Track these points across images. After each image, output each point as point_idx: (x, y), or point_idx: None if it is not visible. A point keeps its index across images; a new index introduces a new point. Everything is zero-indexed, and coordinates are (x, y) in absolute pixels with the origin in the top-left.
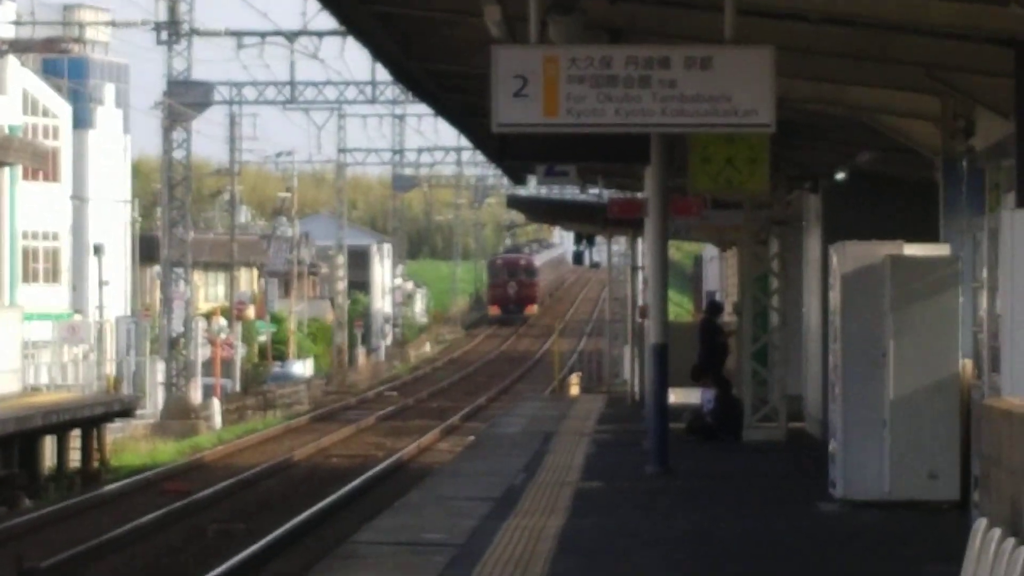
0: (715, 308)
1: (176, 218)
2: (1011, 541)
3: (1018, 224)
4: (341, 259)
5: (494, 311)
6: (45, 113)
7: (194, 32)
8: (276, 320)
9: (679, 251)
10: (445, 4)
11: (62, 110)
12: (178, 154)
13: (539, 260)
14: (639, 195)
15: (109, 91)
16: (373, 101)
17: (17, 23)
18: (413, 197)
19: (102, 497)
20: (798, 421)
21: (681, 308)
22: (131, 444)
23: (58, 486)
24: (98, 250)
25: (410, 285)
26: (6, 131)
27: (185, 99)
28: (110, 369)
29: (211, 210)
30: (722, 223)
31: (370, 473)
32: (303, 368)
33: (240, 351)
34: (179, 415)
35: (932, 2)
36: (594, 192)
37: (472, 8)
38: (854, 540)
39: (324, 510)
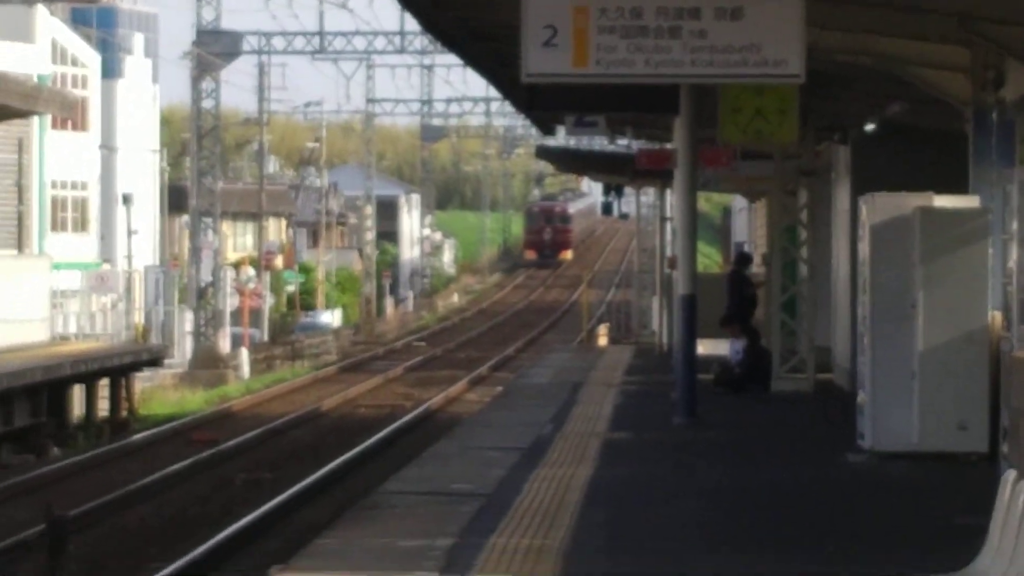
0: (744, 259)
1: (205, 168)
2: None
3: None
4: (369, 209)
5: (530, 255)
6: (74, 62)
7: None
8: (304, 270)
9: (708, 202)
10: None
11: (91, 59)
12: (207, 104)
13: (572, 208)
14: (668, 146)
15: (138, 40)
16: (402, 51)
17: None
18: (441, 147)
19: (130, 446)
20: (826, 372)
21: (710, 259)
22: (159, 393)
23: (86, 435)
24: (127, 200)
25: (438, 236)
26: (35, 80)
27: (214, 49)
28: (138, 318)
29: (239, 160)
30: (751, 174)
31: (398, 423)
32: (331, 318)
33: (268, 301)
34: (207, 365)
35: None
36: (623, 143)
37: None
38: (882, 491)
39: (352, 460)
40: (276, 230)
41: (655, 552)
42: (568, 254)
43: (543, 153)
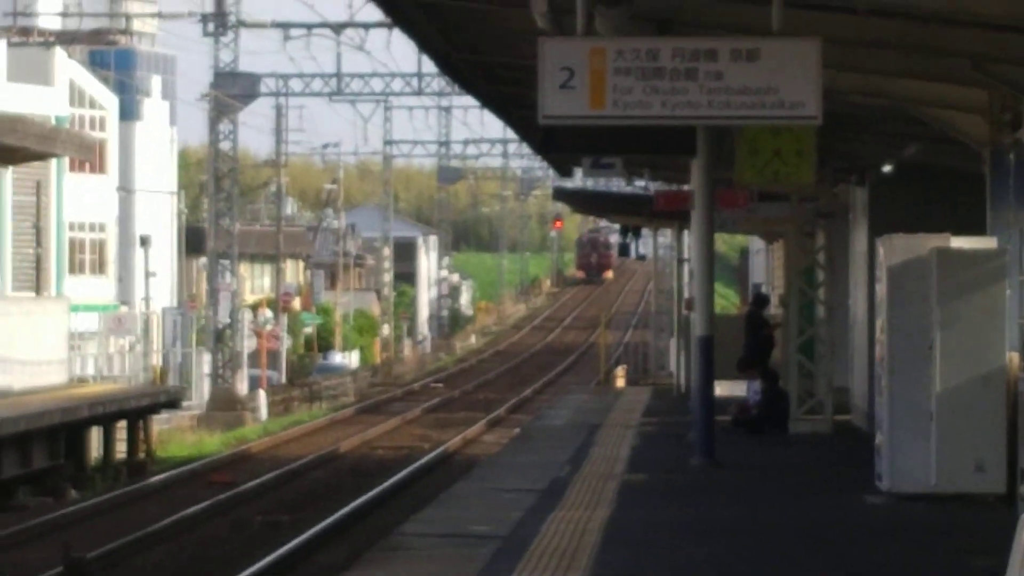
0: (761, 300)
1: (222, 209)
2: None
3: None
4: (387, 251)
5: (580, 275)
6: (92, 104)
7: (241, 24)
8: (322, 312)
9: (725, 244)
10: None
11: (109, 101)
12: (224, 145)
13: (613, 238)
14: (685, 187)
15: (156, 83)
16: (419, 93)
17: (64, 15)
18: (459, 189)
19: (148, 488)
20: (844, 414)
21: (727, 300)
22: (177, 435)
23: (104, 477)
24: (144, 241)
25: (456, 277)
26: (53, 122)
27: (232, 91)
28: (156, 360)
29: (257, 202)
30: (768, 216)
31: (416, 465)
32: (343, 359)
33: (286, 343)
34: (225, 406)
35: None
36: (640, 184)
37: (519, 0)
38: (900, 533)
39: (370, 502)
40: (294, 272)
41: None
42: (610, 274)
43: (560, 195)
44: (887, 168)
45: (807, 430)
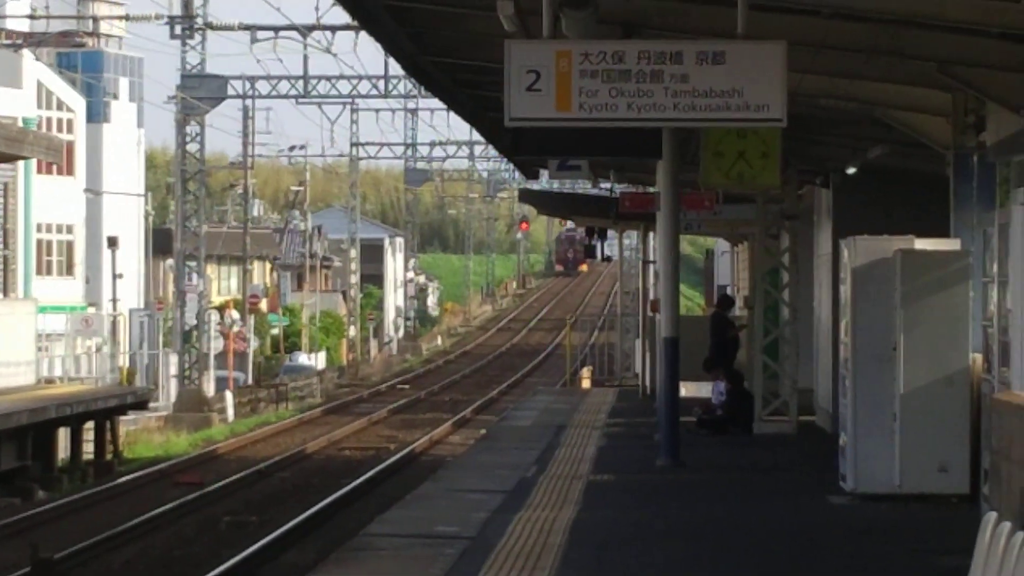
0: (726, 301)
1: (190, 211)
2: (1020, 536)
3: None
4: (354, 252)
5: (559, 267)
6: (60, 107)
7: (208, 26)
8: (289, 313)
9: (691, 245)
10: None
11: (76, 104)
12: (192, 147)
13: None
14: (651, 189)
15: (123, 85)
16: (386, 95)
17: (32, 17)
18: (425, 190)
19: (116, 489)
20: (809, 415)
21: (692, 302)
22: (144, 436)
23: (72, 478)
24: (112, 243)
25: (423, 278)
26: (21, 124)
27: (199, 93)
28: (123, 361)
29: (224, 203)
30: (733, 217)
31: (382, 465)
32: (309, 360)
33: (253, 344)
34: (192, 407)
35: None
36: (606, 186)
37: (485, 2)
38: (864, 533)
39: (336, 502)
40: (261, 273)
41: None
42: (584, 267)
43: (526, 196)
44: (851, 170)
45: (772, 431)
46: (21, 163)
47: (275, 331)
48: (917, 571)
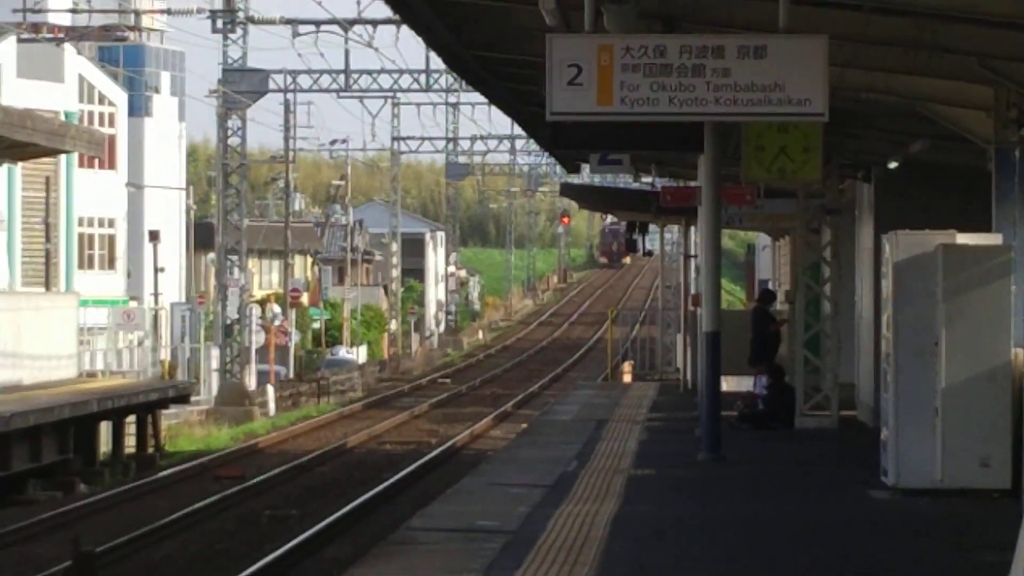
0: (767, 296)
1: (231, 205)
2: None
3: None
4: (395, 246)
5: (603, 260)
6: (101, 101)
7: (249, 20)
8: (330, 307)
9: (732, 239)
10: None
11: (118, 98)
12: (233, 141)
13: None
14: (692, 183)
15: (165, 79)
16: (427, 89)
17: (73, 11)
18: (466, 185)
19: (157, 482)
20: (850, 409)
21: (733, 296)
22: (186, 430)
23: (113, 471)
24: (154, 237)
25: (464, 272)
26: (63, 118)
27: (240, 87)
28: (165, 355)
29: (266, 197)
30: (775, 212)
31: (423, 460)
32: (350, 354)
33: (294, 338)
34: (233, 401)
35: None
36: (647, 180)
37: None
38: (905, 527)
39: (378, 496)
40: (302, 267)
41: None
42: (627, 259)
43: (567, 191)
44: (893, 165)
45: (813, 425)
46: (63, 157)
47: (316, 325)
48: (958, 566)
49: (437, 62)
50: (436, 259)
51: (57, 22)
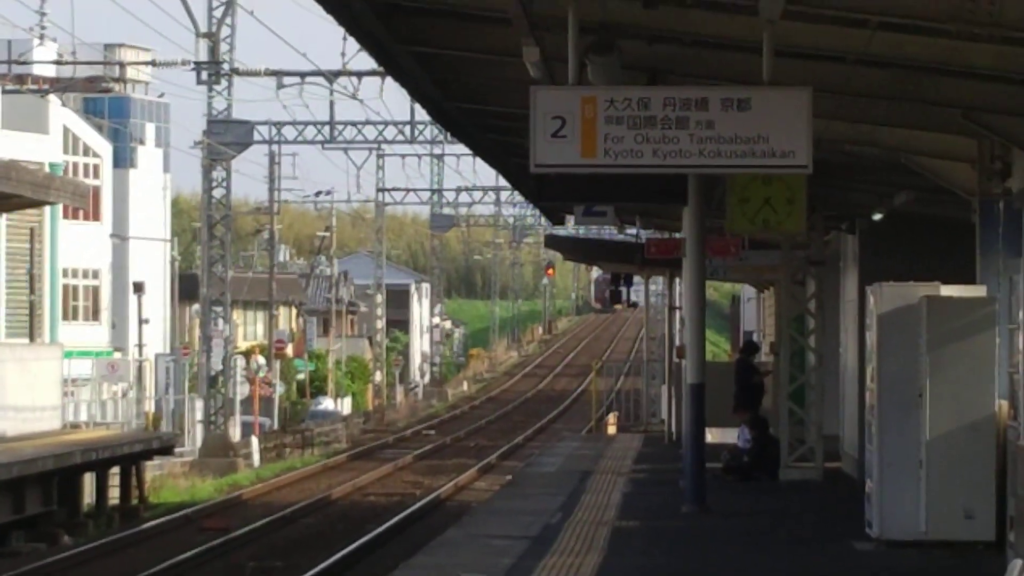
0: (751, 347)
1: (216, 256)
2: None
3: None
4: (380, 298)
5: (597, 305)
6: (86, 152)
7: (234, 72)
8: (315, 358)
9: (716, 291)
10: (484, 45)
11: (103, 149)
12: (218, 193)
13: None
14: (677, 235)
15: (150, 130)
16: (412, 141)
17: (58, 63)
18: (452, 236)
19: (141, 534)
20: (835, 461)
21: (718, 348)
22: (170, 481)
23: (97, 523)
24: (138, 288)
25: (448, 324)
26: (47, 170)
27: (225, 138)
28: (149, 407)
29: (251, 249)
30: (759, 263)
31: (407, 511)
32: (332, 404)
33: (279, 389)
34: (218, 453)
35: (969, 44)
36: (632, 232)
37: (511, 49)
38: None
39: (362, 548)
40: (287, 318)
41: None
42: (620, 307)
43: (552, 242)
44: (877, 216)
45: (798, 477)
46: (48, 208)
47: (301, 376)
48: None
49: (422, 113)
50: (421, 310)
51: (42, 73)
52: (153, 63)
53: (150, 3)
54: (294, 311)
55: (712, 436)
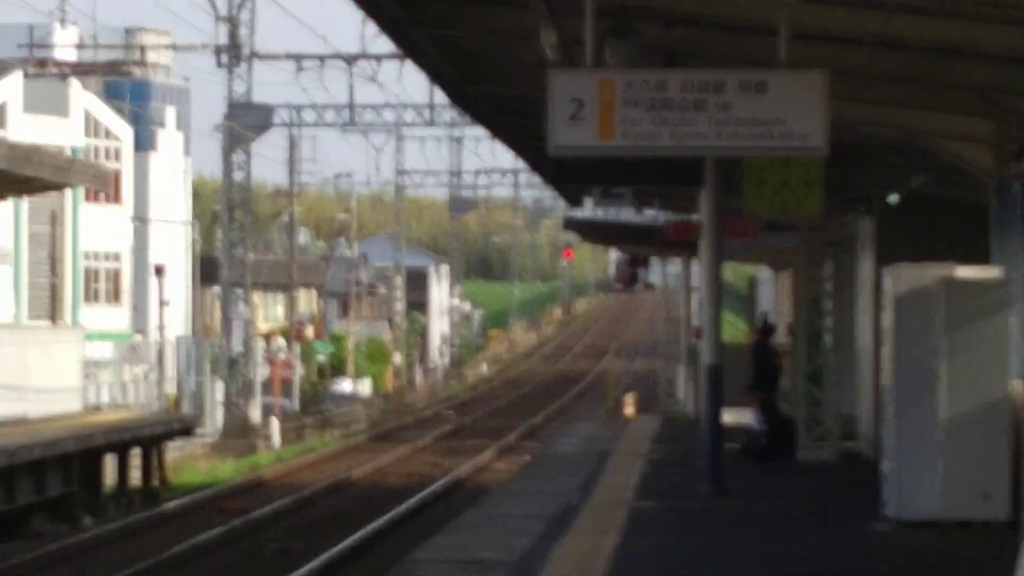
0: (767, 329)
1: (236, 239)
2: None
3: None
4: (399, 280)
5: (618, 286)
6: (107, 135)
7: (254, 55)
8: (334, 340)
9: (734, 273)
10: (502, 28)
11: (124, 132)
12: (238, 176)
13: None
14: (694, 217)
15: (170, 114)
16: (431, 124)
17: (80, 46)
18: (470, 218)
19: (162, 515)
20: (851, 441)
21: (735, 329)
22: (191, 463)
23: (118, 504)
24: (159, 271)
25: (467, 306)
26: (68, 153)
27: (245, 121)
28: (170, 388)
29: (271, 231)
30: (776, 245)
31: (427, 492)
32: (352, 386)
33: (299, 371)
34: (238, 434)
35: (986, 26)
36: (650, 214)
37: (529, 32)
38: (906, 560)
39: (381, 529)
40: (307, 301)
41: None
42: (639, 286)
43: (570, 224)
44: (894, 198)
45: (814, 458)
46: (69, 191)
47: (321, 358)
48: None
49: (441, 97)
50: (440, 292)
51: (63, 58)
52: (173, 47)
53: None
54: (314, 293)
55: (729, 417)
